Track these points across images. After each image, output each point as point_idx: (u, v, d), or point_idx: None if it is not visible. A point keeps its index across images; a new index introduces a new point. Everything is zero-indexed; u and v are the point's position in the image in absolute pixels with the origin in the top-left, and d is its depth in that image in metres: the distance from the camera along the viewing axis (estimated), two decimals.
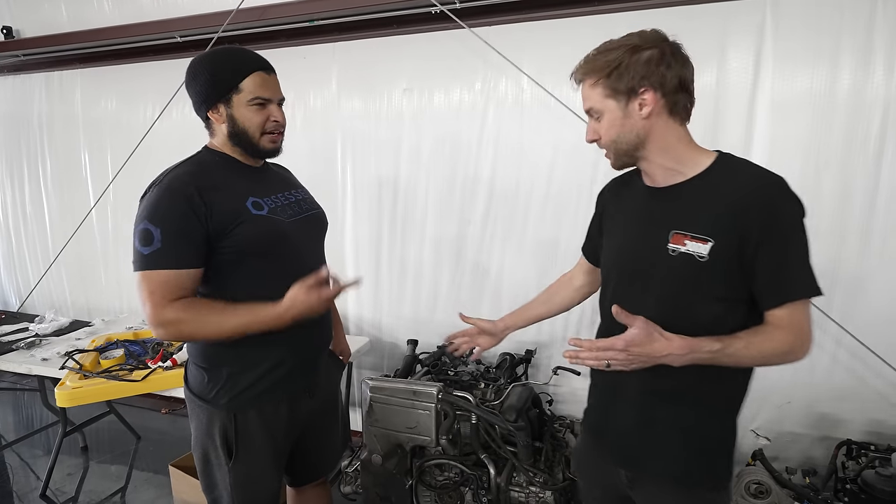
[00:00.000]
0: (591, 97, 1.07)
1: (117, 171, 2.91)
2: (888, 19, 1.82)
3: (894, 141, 1.87)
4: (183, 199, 1.18)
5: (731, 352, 0.97)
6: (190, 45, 2.73)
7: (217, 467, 1.36)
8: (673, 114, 1.04)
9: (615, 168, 1.14)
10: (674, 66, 1.01)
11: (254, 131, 1.28)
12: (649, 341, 0.96)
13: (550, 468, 1.99)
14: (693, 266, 1.01)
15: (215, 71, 1.26)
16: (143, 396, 2.43)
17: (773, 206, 0.97)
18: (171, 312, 1.17)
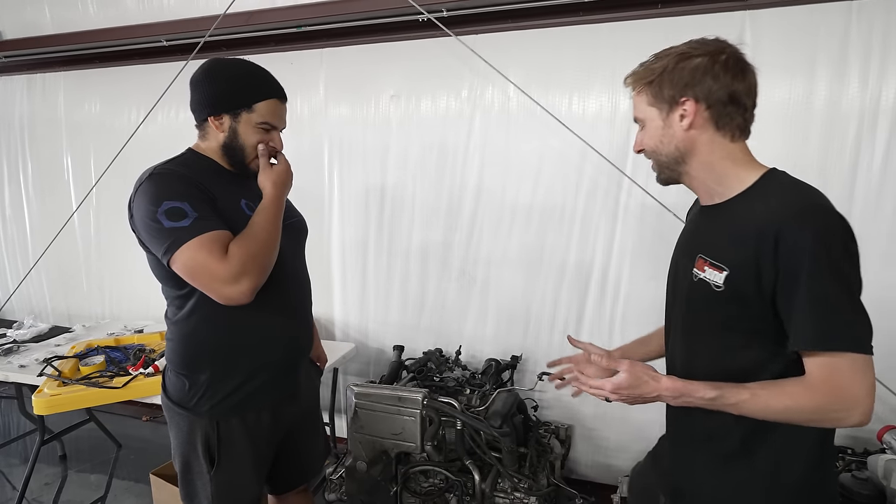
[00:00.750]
0: (637, 105, 1.04)
1: (101, 174, 2.88)
2: (861, 32, 1.88)
3: (869, 151, 1.92)
4: (190, 181, 1.20)
5: (732, 402, 0.89)
6: (176, 50, 2.72)
7: (198, 476, 1.34)
8: (721, 128, 0.96)
9: (659, 182, 1.08)
10: (722, 78, 0.93)
11: (250, 151, 1.30)
12: (637, 384, 0.95)
13: (535, 474, 1.99)
14: (709, 295, 0.95)
15: (234, 83, 1.27)
16: (125, 404, 2.40)
17: (785, 237, 0.84)
18: (236, 254, 1.14)
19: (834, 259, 0.83)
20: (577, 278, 2.35)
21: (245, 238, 1.18)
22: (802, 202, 0.88)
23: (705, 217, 1.05)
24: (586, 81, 2.22)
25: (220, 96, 1.26)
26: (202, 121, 1.31)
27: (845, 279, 0.84)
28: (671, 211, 2.07)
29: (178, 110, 2.88)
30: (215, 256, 1.12)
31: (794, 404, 0.86)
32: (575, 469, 2.48)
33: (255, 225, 1.22)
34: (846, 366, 0.84)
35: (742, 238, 0.90)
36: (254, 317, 1.29)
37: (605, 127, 2.20)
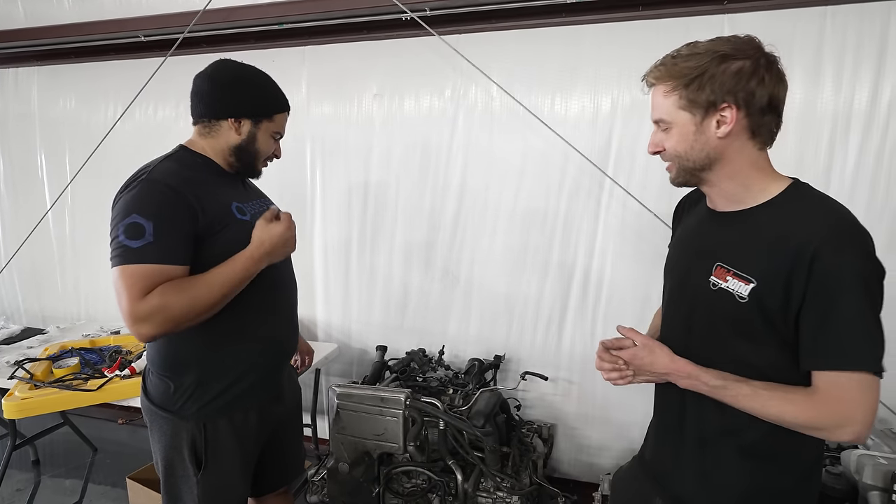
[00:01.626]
0: (662, 107, 0.95)
1: (76, 172, 2.81)
2: (835, 37, 1.92)
3: (842, 154, 1.97)
4: (176, 193, 1.16)
5: (732, 394, 0.91)
6: (154, 45, 2.67)
7: (184, 480, 1.32)
8: (755, 136, 0.92)
9: (674, 184, 1.02)
10: (767, 83, 0.88)
11: (261, 157, 1.36)
12: (651, 356, 0.99)
13: (517, 473, 2.00)
14: (731, 305, 0.93)
15: (264, 90, 1.34)
16: (101, 407, 2.34)
17: (827, 255, 0.82)
18: (153, 299, 1.10)
19: (868, 283, 0.83)
20: (559, 278, 2.36)
21: (175, 289, 1.13)
22: (842, 223, 0.86)
23: (722, 223, 1.00)
24: (569, 82, 2.23)
25: (247, 102, 1.30)
26: (216, 119, 1.30)
27: (876, 303, 0.85)
28: (652, 212, 2.09)
29: (156, 107, 2.83)
30: (129, 292, 1.10)
31: (791, 410, 0.87)
32: (557, 468, 2.50)
33: (203, 280, 1.17)
34: (854, 384, 0.84)
35: (772, 252, 0.88)
36: (240, 319, 1.28)
37: (588, 128, 2.22)
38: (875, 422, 1.95)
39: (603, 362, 1.05)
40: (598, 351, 1.07)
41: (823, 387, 0.86)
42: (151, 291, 1.11)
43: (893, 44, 1.88)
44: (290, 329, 1.48)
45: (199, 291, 1.15)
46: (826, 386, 0.86)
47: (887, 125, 1.91)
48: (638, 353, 1.00)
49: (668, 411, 1.11)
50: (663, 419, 1.14)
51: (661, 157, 1.02)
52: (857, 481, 1.58)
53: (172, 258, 1.14)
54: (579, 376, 2.40)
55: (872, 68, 1.91)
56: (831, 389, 0.85)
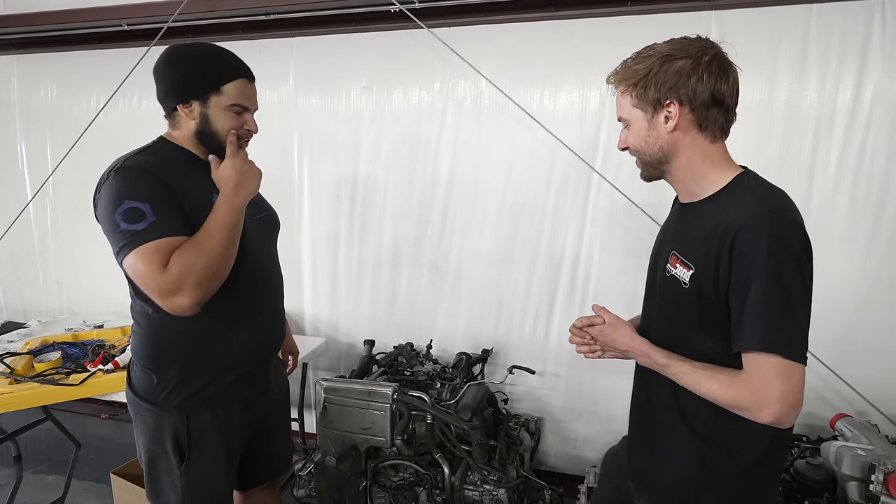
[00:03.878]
0: (621, 105, 1.04)
1: (58, 163, 2.75)
2: (820, 35, 1.94)
3: (825, 152, 1.99)
4: (157, 178, 1.14)
5: (674, 371, 0.99)
6: (138, 34, 2.62)
7: (166, 472, 1.31)
8: (703, 130, 0.98)
9: (643, 179, 1.11)
10: (706, 80, 0.94)
11: (225, 135, 1.25)
12: (613, 333, 1.08)
13: (504, 466, 2.01)
14: (678, 291, 1.00)
15: (198, 66, 1.22)
16: (84, 402, 2.31)
17: (742, 239, 0.88)
18: (175, 266, 1.08)
19: (780, 268, 0.87)
20: (547, 272, 2.37)
21: (188, 249, 1.11)
22: (761, 208, 0.91)
23: (682, 215, 1.09)
24: (557, 77, 2.23)
25: (185, 82, 1.22)
26: (171, 110, 1.27)
27: (785, 286, 0.87)
28: (639, 206, 2.11)
29: (140, 97, 2.78)
30: (154, 268, 1.08)
31: (717, 388, 0.93)
32: (544, 461, 2.52)
33: (204, 232, 1.15)
34: (767, 367, 0.88)
35: (706, 238, 0.94)
36: (225, 313, 1.26)
37: (576, 123, 2.22)
38: (854, 413, 1.99)
39: (574, 337, 1.17)
40: (571, 327, 1.17)
41: (746, 368, 0.91)
42: (167, 261, 1.09)
43: (877, 42, 1.90)
44: (276, 323, 1.46)
45: (206, 242, 1.13)
46: (748, 367, 0.91)
47: (870, 122, 1.94)
48: (604, 329, 1.10)
49: (638, 391, 1.21)
50: (635, 398, 1.22)
51: (629, 154, 1.09)
52: (835, 472, 1.61)
53: (179, 230, 1.13)
54: (566, 370, 2.42)
55: (856, 66, 1.93)
56: (750, 371, 0.90)
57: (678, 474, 1.07)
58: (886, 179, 1.95)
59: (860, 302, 2.02)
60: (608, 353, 1.13)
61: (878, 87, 1.92)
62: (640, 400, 1.19)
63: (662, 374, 1.03)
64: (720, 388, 0.93)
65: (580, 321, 1.15)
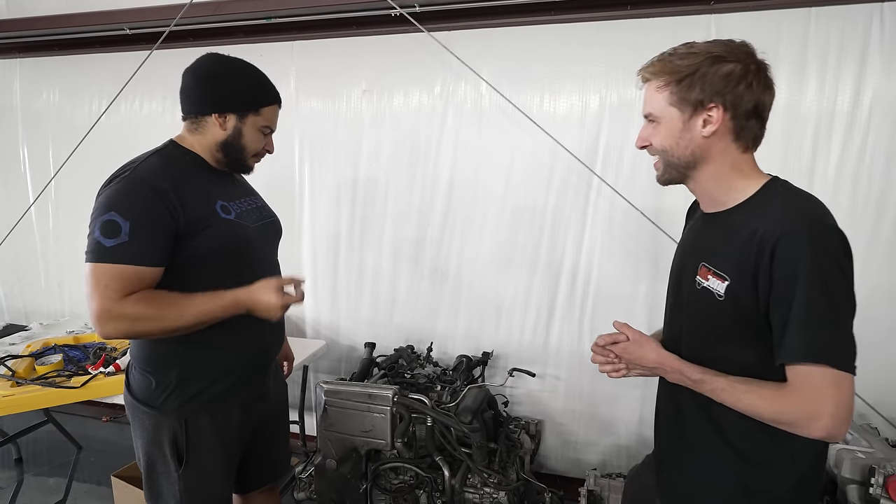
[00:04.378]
0: (653, 101, 0.98)
1: (60, 166, 2.76)
2: (819, 39, 1.95)
3: (825, 155, 2.00)
4: (157, 193, 1.15)
5: (710, 388, 0.93)
6: (140, 38, 2.63)
7: (164, 476, 1.31)
8: (738, 139, 0.94)
9: (660, 182, 1.04)
10: (754, 88, 0.91)
11: (249, 152, 1.32)
12: (640, 350, 1.03)
13: (504, 469, 2.01)
14: (712, 304, 0.95)
15: (247, 84, 1.29)
16: (86, 404, 2.32)
17: (782, 251, 0.85)
18: (127, 307, 1.10)
19: (824, 275, 0.83)
20: (547, 275, 2.37)
21: (149, 309, 1.13)
22: (799, 214, 0.87)
23: (708, 224, 1.03)
24: (557, 80, 2.24)
25: (231, 96, 1.27)
26: (200, 115, 1.28)
27: (831, 294, 0.84)
28: (639, 210, 2.11)
29: (141, 101, 2.79)
30: (99, 292, 1.10)
31: (761, 403, 0.89)
32: (545, 464, 2.52)
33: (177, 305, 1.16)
34: (818, 378, 0.84)
35: (742, 248, 0.90)
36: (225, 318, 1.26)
37: (576, 126, 2.23)
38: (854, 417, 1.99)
39: (597, 356, 1.10)
40: (593, 346, 1.10)
41: (792, 381, 0.87)
42: (127, 297, 1.11)
43: (875, 45, 1.91)
44: (276, 329, 1.47)
45: (169, 314, 1.15)
46: (795, 380, 0.87)
47: (868, 126, 1.95)
48: (628, 347, 1.05)
49: (665, 406, 1.15)
50: (662, 413, 1.16)
51: (649, 152, 1.04)
52: (836, 475, 1.61)
53: (146, 259, 1.14)
54: (566, 373, 2.42)
55: (855, 69, 1.94)
56: (798, 384, 0.86)
57: (714, 493, 1.02)
58: (886, 182, 1.95)
59: (860, 305, 1.96)
60: (633, 371, 1.07)
61: (878, 91, 1.92)
62: (668, 415, 1.13)
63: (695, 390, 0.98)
64: (764, 403, 0.89)
65: (603, 339, 1.08)
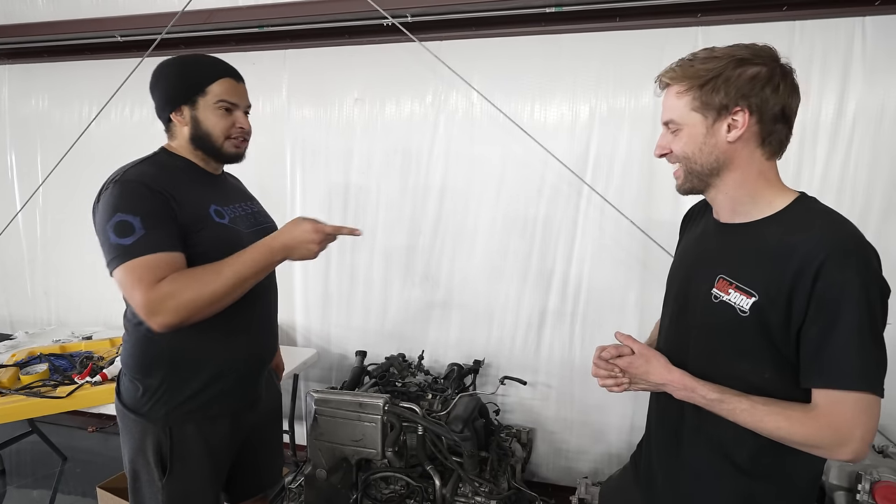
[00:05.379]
0: (674, 108, 0.94)
1: (48, 173, 2.74)
2: (803, 50, 1.99)
3: (810, 165, 2.03)
4: (153, 190, 1.15)
5: (729, 408, 0.89)
6: (131, 46, 2.63)
7: (148, 484, 1.29)
8: (764, 145, 0.91)
9: (680, 191, 1.00)
10: (781, 91, 0.88)
11: (217, 135, 1.27)
12: (647, 365, 0.98)
13: (496, 477, 2.01)
14: (732, 319, 0.91)
15: (182, 73, 1.26)
16: (70, 414, 2.28)
17: (830, 271, 0.81)
18: (164, 287, 1.09)
19: (872, 301, 0.82)
20: (538, 283, 2.38)
21: (184, 276, 1.12)
22: (845, 237, 0.84)
23: (727, 235, 0.98)
24: (548, 90, 2.26)
25: (173, 90, 1.26)
26: (167, 121, 1.30)
27: (875, 319, 0.82)
28: (629, 218, 2.13)
29: (132, 108, 2.78)
30: (138, 285, 1.09)
31: (787, 426, 0.85)
32: (536, 472, 2.51)
33: (213, 268, 1.15)
34: (852, 402, 0.82)
35: (776, 265, 0.86)
36: (216, 325, 1.23)
37: (566, 136, 2.25)
38: None
39: (599, 369, 1.04)
40: (594, 358, 1.05)
41: (823, 404, 0.84)
42: (162, 280, 1.10)
43: (858, 58, 1.95)
44: (269, 337, 1.45)
45: (209, 277, 1.13)
46: (826, 404, 0.84)
47: (852, 137, 1.98)
48: (634, 361, 0.99)
49: (659, 426, 1.10)
50: (655, 434, 1.12)
51: (668, 160, 1.00)
52: (824, 482, 1.63)
53: (167, 245, 1.13)
54: (558, 381, 2.42)
55: (838, 81, 1.97)
56: (831, 408, 0.83)
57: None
58: (869, 192, 1.99)
59: None
60: (636, 386, 1.02)
61: (860, 102, 1.96)
62: (662, 436, 1.08)
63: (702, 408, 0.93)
64: (792, 426, 0.85)
65: (608, 352, 1.02)
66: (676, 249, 1.20)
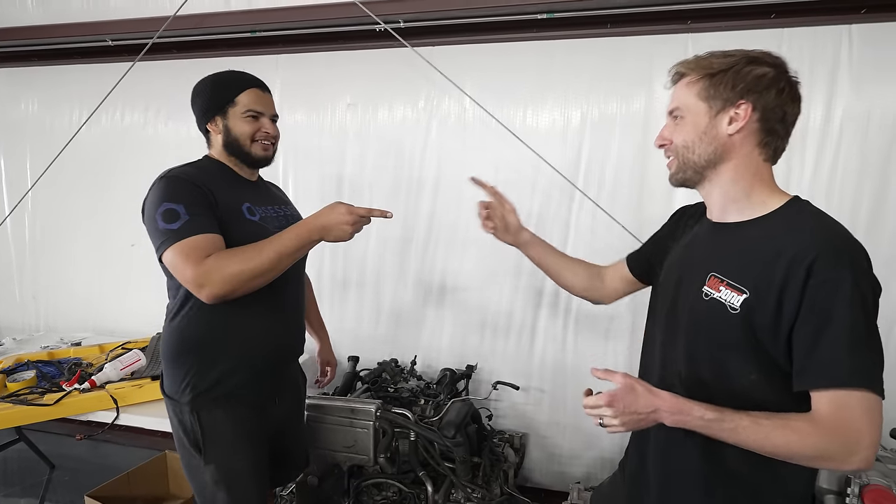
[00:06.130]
0: (682, 95, 0.97)
1: (38, 177, 2.72)
2: (791, 57, 1.99)
3: (798, 170, 2.04)
4: (194, 184, 1.28)
5: (729, 427, 0.84)
6: (122, 50, 2.62)
7: (194, 464, 1.38)
8: (762, 145, 0.93)
9: (673, 182, 1.01)
10: (784, 96, 0.91)
11: (244, 139, 1.39)
12: (632, 396, 0.87)
13: (488, 483, 2.00)
14: (722, 316, 0.90)
15: (214, 87, 1.40)
16: (59, 422, 2.25)
17: (820, 271, 0.81)
18: (210, 262, 1.20)
19: (865, 300, 0.82)
20: (531, 288, 2.39)
21: (230, 252, 1.23)
22: (837, 238, 0.85)
23: (719, 234, 0.99)
24: (540, 96, 2.27)
25: (207, 102, 1.40)
26: (206, 132, 1.44)
27: (868, 317, 0.82)
28: (621, 223, 2.14)
29: (123, 112, 2.76)
30: (187, 261, 1.20)
31: (797, 440, 0.81)
32: (529, 477, 2.51)
33: (256, 246, 1.25)
34: (857, 404, 0.80)
35: (768, 263, 0.86)
36: (243, 314, 1.34)
37: (558, 141, 2.26)
38: None
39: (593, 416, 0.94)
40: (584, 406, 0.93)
41: (827, 410, 0.81)
42: (208, 257, 1.21)
43: (844, 65, 1.97)
44: (297, 327, 1.54)
45: (251, 253, 1.24)
46: (829, 409, 0.81)
47: (840, 143, 2.00)
48: (618, 394, 0.87)
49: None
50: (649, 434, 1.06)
51: (666, 152, 1.02)
52: (814, 486, 1.63)
53: (210, 228, 1.24)
54: (550, 385, 2.42)
55: (826, 87, 2.00)
56: (835, 412, 0.80)
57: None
58: (857, 197, 2.01)
59: None
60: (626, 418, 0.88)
61: (847, 108, 1.98)
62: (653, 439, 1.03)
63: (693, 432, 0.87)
64: (801, 439, 0.81)
65: (591, 400, 0.90)
66: (656, 242, 1.22)
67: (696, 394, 0.90)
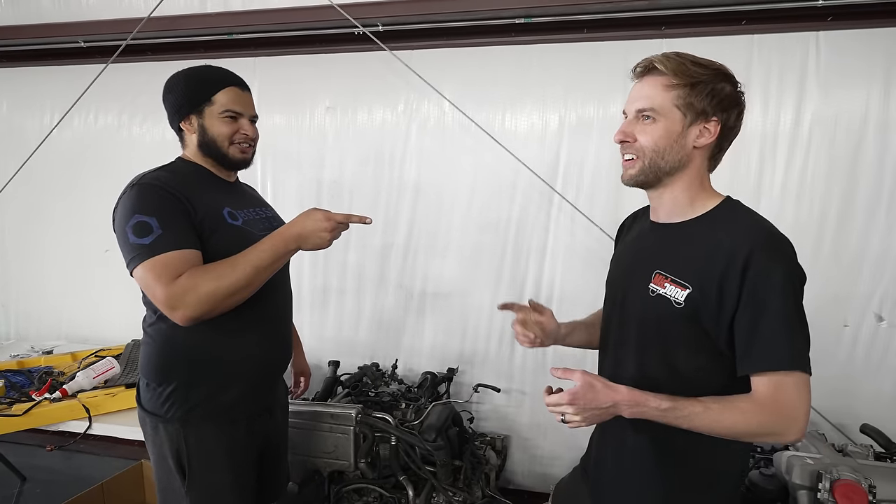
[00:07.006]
0: (657, 97, 0.95)
1: (7, 181, 2.65)
2: (762, 63, 2.06)
3: (770, 174, 2.10)
4: (168, 192, 1.20)
5: (683, 414, 0.89)
6: (95, 51, 2.57)
7: (172, 494, 1.30)
8: (710, 158, 1.00)
9: (628, 182, 1.02)
10: (741, 115, 0.97)
11: (222, 141, 1.32)
12: (592, 392, 0.90)
13: (469, 486, 2.00)
14: (668, 310, 0.96)
15: (189, 83, 1.31)
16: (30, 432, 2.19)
17: (755, 264, 0.88)
18: (182, 281, 1.13)
19: (795, 289, 0.89)
20: (511, 289, 2.40)
21: (202, 270, 1.16)
22: (769, 233, 0.92)
23: (661, 235, 1.04)
24: (518, 100, 2.29)
25: (181, 100, 1.31)
26: (178, 131, 1.35)
27: (798, 304, 0.90)
28: (598, 226, 2.17)
29: (96, 115, 2.71)
30: (158, 281, 1.13)
31: (742, 419, 0.88)
32: (511, 479, 2.51)
33: (229, 261, 1.18)
34: (792, 384, 0.87)
35: (707, 259, 0.92)
36: (229, 328, 1.27)
37: (536, 144, 2.28)
38: None
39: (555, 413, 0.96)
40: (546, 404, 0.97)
41: (766, 391, 0.88)
42: (180, 275, 1.14)
43: (812, 70, 2.03)
44: (283, 341, 1.47)
45: (224, 269, 1.17)
46: (769, 390, 0.88)
47: (809, 146, 2.06)
48: (583, 394, 0.90)
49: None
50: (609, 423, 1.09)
51: (624, 149, 1.01)
52: (787, 481, 1.67)
53: (184, 243, 1.17)
54: (531, 387, 2.43)
55: (795, 92, 2.05)
56: (775, 392, 0.87)
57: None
58: (826, 199, 2.06)
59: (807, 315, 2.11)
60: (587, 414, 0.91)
61: (816, 113, 2.04)
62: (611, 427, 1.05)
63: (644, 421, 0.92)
64: (746, 419, 0.88)
65: (552, 398, 0.94)
66: (612, 257, 1.23)
67: (648, 385, 0.94)
